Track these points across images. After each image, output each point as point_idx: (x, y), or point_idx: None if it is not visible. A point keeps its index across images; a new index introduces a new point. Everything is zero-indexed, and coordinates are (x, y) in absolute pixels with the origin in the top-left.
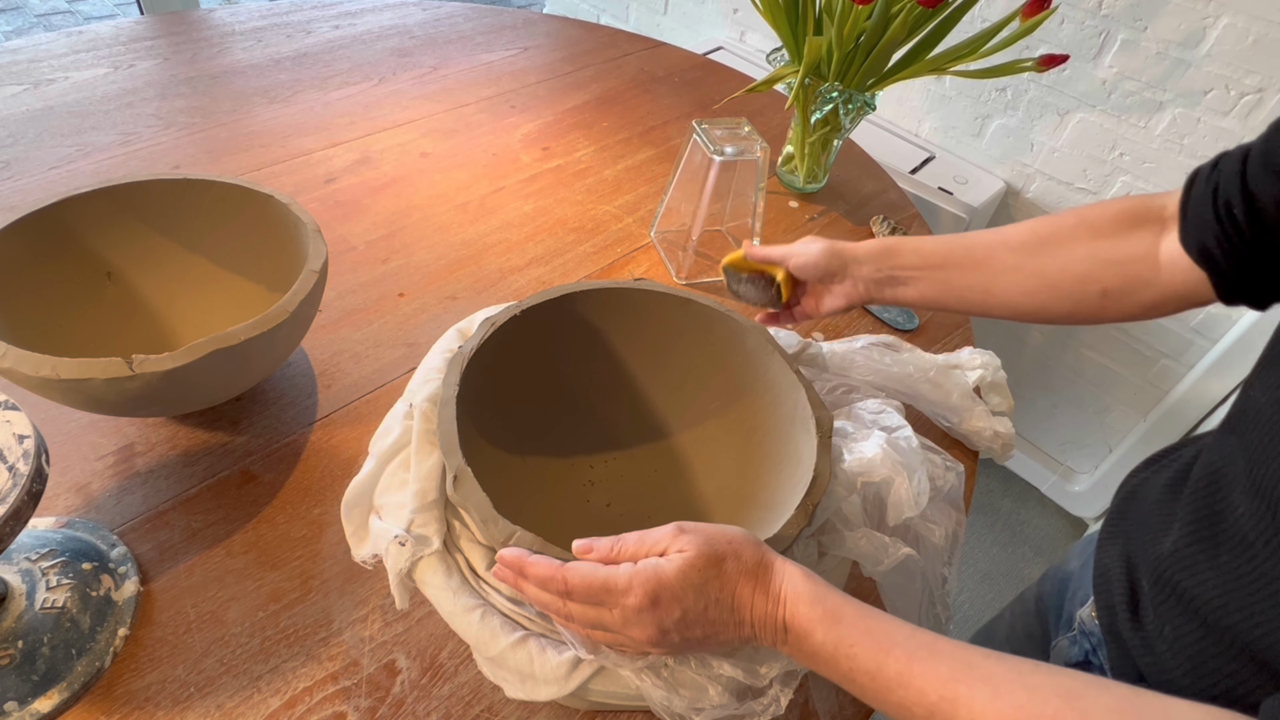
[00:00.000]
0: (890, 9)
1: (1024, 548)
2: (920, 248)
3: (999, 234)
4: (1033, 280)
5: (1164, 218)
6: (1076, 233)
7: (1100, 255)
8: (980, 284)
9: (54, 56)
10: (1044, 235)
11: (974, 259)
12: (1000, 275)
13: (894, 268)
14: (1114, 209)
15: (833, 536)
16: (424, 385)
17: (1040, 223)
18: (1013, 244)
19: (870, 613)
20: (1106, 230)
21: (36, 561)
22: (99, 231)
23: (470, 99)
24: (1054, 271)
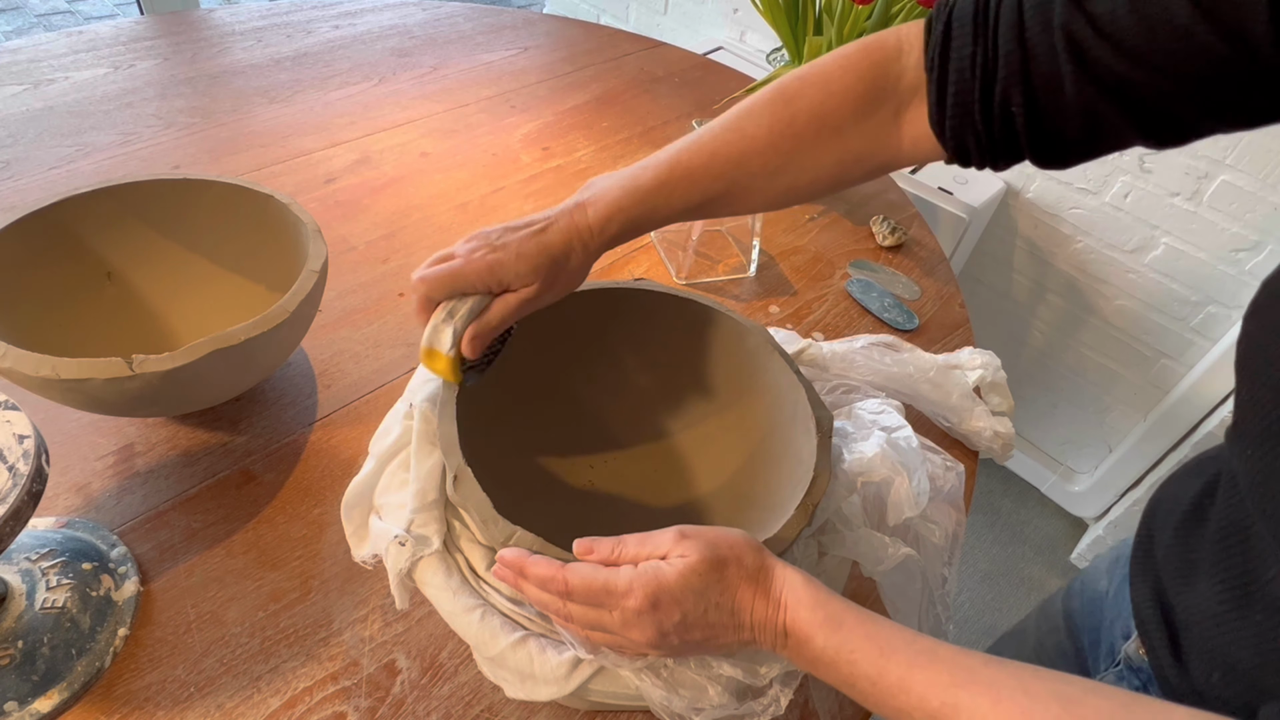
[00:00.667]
0: (890, 9)
1: (1024, 548)
2: (656, 213)
3: (734, 159)
4: (783, 195)
5: (900, 89)
6: (820, 137)
7: (846, 157)
8: (728, 212)
9: (54, 56)
10: (785, 151)
11: (716, 197)
12: (748, 200)
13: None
14: (849, 89)
15: (833, 536)
16: (424, 385)
17: (774, 127)
18: (755, 169)
19: (871, 618)
20: (847, 123)
21: (36, 561)
22: (99, 231)
23: (470, 99)
24: (805, 184)
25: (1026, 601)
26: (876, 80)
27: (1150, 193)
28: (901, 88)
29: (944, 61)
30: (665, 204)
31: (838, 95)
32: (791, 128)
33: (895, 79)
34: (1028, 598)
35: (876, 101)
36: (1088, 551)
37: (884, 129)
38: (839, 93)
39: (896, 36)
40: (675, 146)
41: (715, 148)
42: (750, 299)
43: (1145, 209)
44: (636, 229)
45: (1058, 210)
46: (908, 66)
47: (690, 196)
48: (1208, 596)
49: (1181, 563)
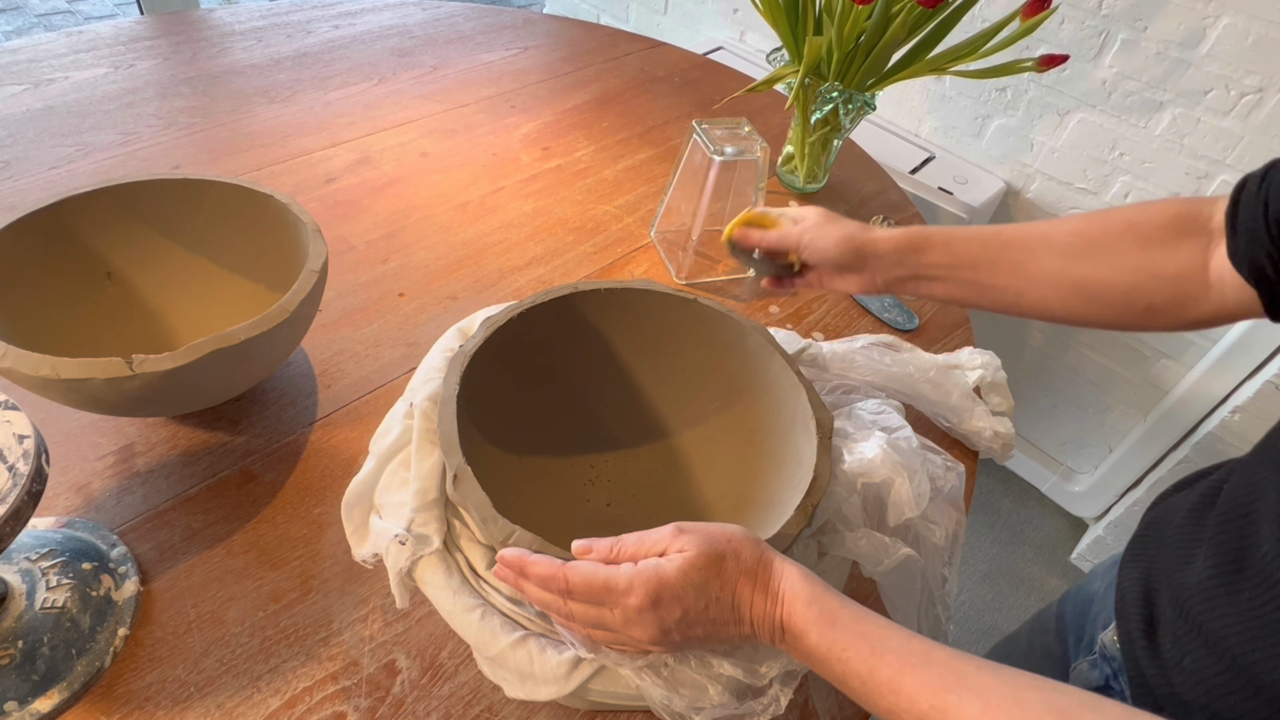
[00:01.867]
0: (890, 9)
1: (1024, 548)
2: (950, 244)
3: (1039, 232)
4: (1072, 289)
5: (1210, 228)
6: (1124, 240)
7: (1149, 268)
8: (1014, 287)
9: (54, 56)
10: (1089, 239)
11: (1010, 261)
12: (1037, 280)
13: (919, 265)
14: (1162, 214)
15: (833, 537)
16: (424, 384)
17: (1084, 223)
18: (1055, 247)
19: (866, 616)
20: (1156, 239)
21: (36, 561)
22: (99, 231)
23: (470, 99)
24: (1098, 281)
25: (1026, 601)
26: (1189, 212)
27: (1150, 193)
28: (1211, 227)
29: (1237, 198)
30: (961, 239)
31: (1151, 211)
32: (1102, 223)
33: (1206, 218)
34: (1028, 598)
35: (1187, 229)
36: (1088, 551)
37: (1192, 256)
38: (1153, 210)
39: (1212, 197)
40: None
41: (1024, 224)
42: (750, 299)
43: None
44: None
45: (1058, 210)
46: (1216, 211)
47: (989, 244)
48: (1200, 574)
49: (1181, 549)
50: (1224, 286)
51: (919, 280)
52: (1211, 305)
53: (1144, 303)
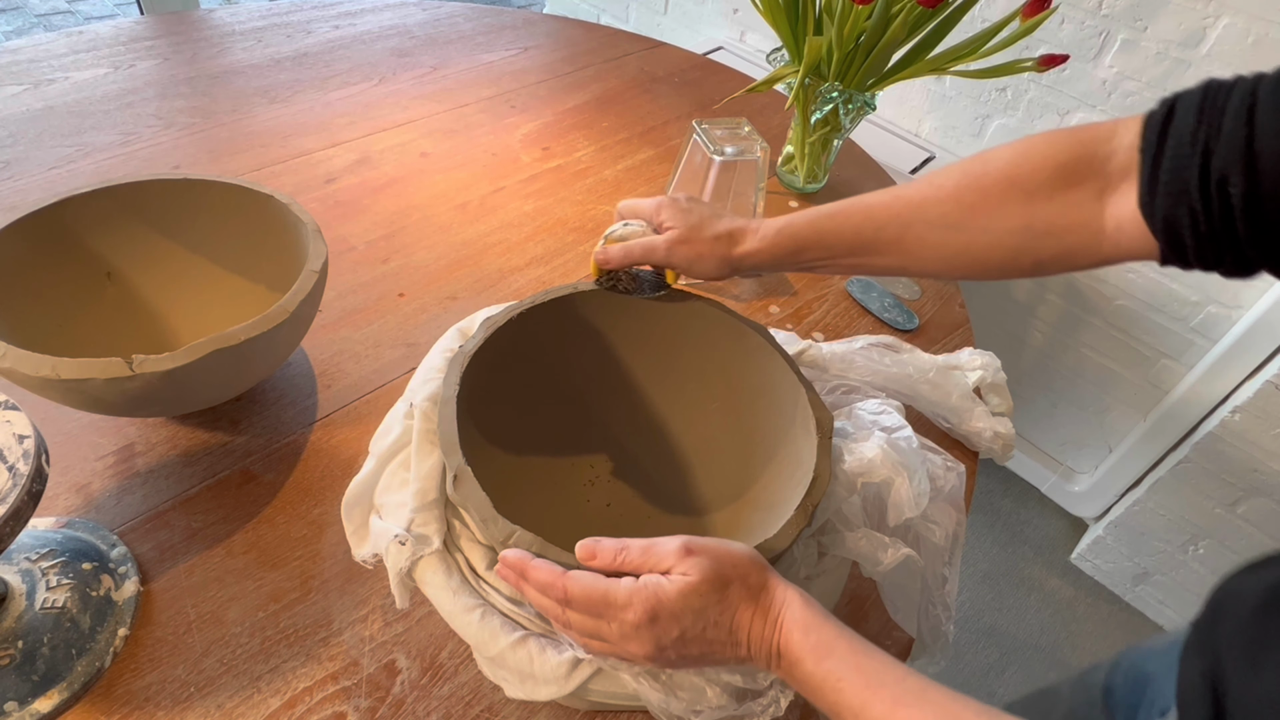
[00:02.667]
0: (890, 9)
1: (1024, 548)
2: (824, 238)
3: (913, 202)
4: (957, 256)
5: (1108, 171)
6: (1006, 200)
7: (1035, 226)
8: (896, 263)
9: (54, 56)
10: (967, 205)
11: (887, 240)
12: (918, 252)
13: (798, 263)
14: (1049, 160)
15: (833, 537)
16: (424, 384)
17: (960, 184)
18: (932, 217)
19: (864, 649)
20: (1042, 193)
21: (36, 561)
22: (99, 231)
23: (470, 99)
24: (979, 248)
25: (1026, 601)
26: (1081, 154)
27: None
28: (1110, 168)
29: (1162, 138)
30: (835, 231)
31: (1035, 160)
32: (979, 182)
33: (1103, 159)
34: (1028, 598)
35: (1077, 175)
36: (1088, 551)
37: (1082, 206)
38: (1036, 158)
39: (1112, 123)
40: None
41: (899, 191)
42: (750, 299)
43: None
44: (800, 249)
45: None
46: (1119, 148)
47: (862, 229)
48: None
49: (1252, 645)
50: (1121, 235)
51: (803, 268)
52: (1103, 254)
53: (1030, 260)
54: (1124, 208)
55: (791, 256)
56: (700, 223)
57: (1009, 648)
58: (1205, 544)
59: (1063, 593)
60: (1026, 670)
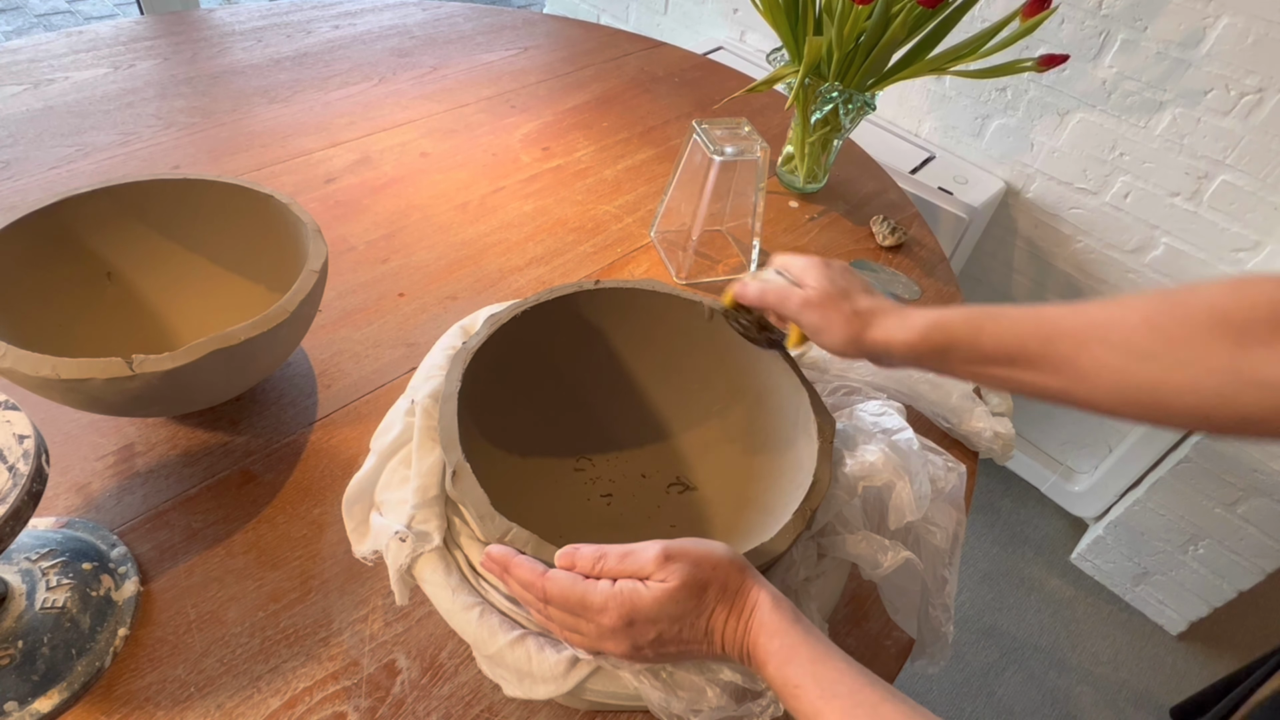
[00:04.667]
0: (890, 9)
1: (1024, 548)
2: (980, 340)
3: (1096, 320)
4: (1140, 390)
5: None
6: (1212, 336)
7: (1245, 372)
8: (1059, 386)
9: (54, 56)
10: (1163, 333)
11: (1056, 356)
12: (1092, 377)
13: (941, 367)
14: (1268, 295)
15: (833, 539)
16: (426, 382)
17: (1156, 309)
18: (1116, 339)
19: (825, 657)
20: (1258, 334)
21: (36, 561)
22: (99, 231)
23: (470, 99)
24: (1171, 388)
25: (1026, 601)
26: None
27: (1150, 193)
28: None
29: None
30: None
31: (1253, 296)
32: (1181, 309)
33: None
34: (1028, 598)
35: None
36: (1088, 551)
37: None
38: (1255, 294)
39: None
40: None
41: (1081, 304)
42: None
43: (1145, 209)
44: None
45: (1058, 210)
46: None
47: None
48: None
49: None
50: None
51: (942, 372)
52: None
53: (1233, 413)
54: None
55: (937, 356)
56: (841, 292)
57: (1009, 648)
58: (1205, 544)
59: (1063, 593)
60: (1026, 670)
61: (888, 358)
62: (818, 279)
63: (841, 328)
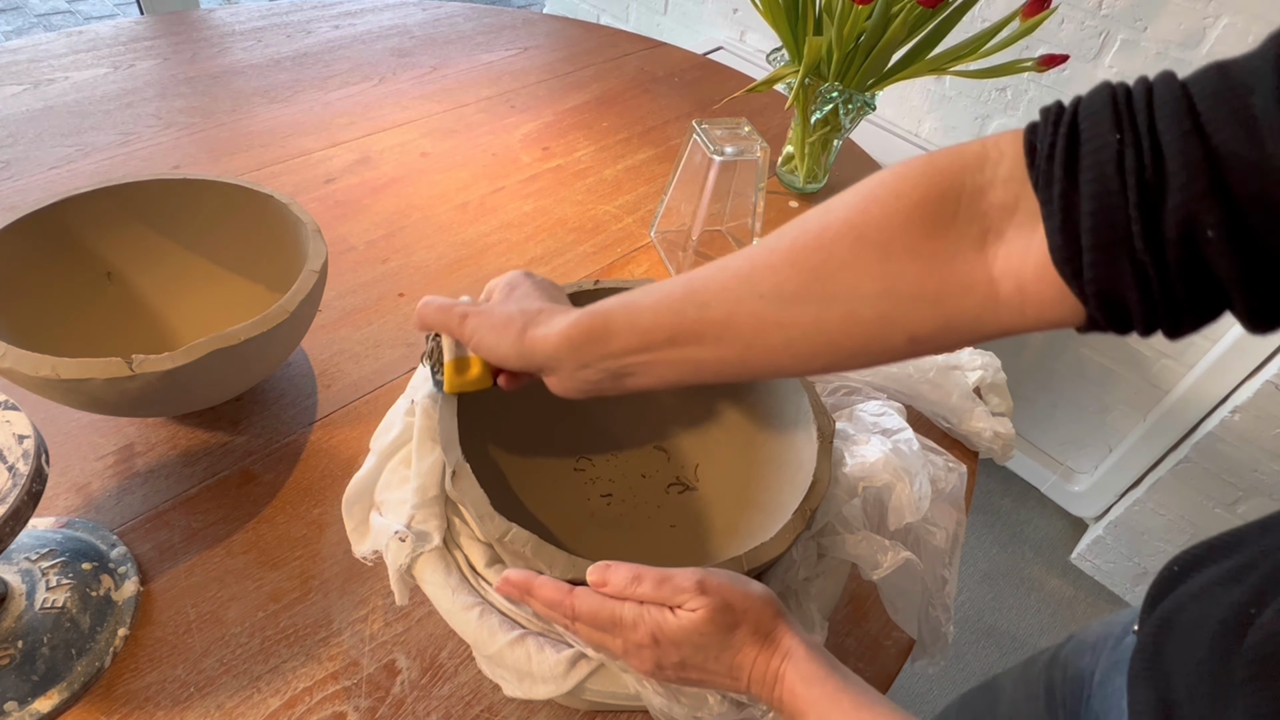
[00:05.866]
0: (890, 9)
1: (1024, 548)
2: (636, 320)
3: (741, 273)
4: (805, 338)
5: (984, 208)
6: (856, 253)
7: (899, 287)
8: (732, 355)
9: (54, 56)
10: (809, 267)
11: (713, 323)
12: (757, 337)
13: (606, 358)
14: (899, 196)
15: (832, 539)
16: (426, 382)
17: (799, 239)
18: (765, 289)
19: (869, 704)
20: (898, 241)
21: (36, 561)
22: (99, 231)
23: (470, 99)
24: (834, 322)
25: (1026, 601)
26: (941, 190)
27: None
28: (985, 206)
29: (1070, 168)
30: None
31: (883, 201)
32: (819, 239)
33: (974, 193)
34: (1028, 598)
35: (941, 218)
36: (1088, 551)
37: (957, 260)
38: (885, 197)
39: (980, 143)
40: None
41: (727, 259)
42: None
43: None
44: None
45: None
46: (995, 178)
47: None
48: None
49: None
50: (1025, 299)
51: (618, 377)
52: (1001, 322)
53: (902, 335)
54: (1022, 262)
55: (594, 345)
56: (517, 298)
57: (1009, 648)
58: None
59: (1063, 593)
60: None
61: (549, 359)
62: (501, 288)
63: (503, 332)
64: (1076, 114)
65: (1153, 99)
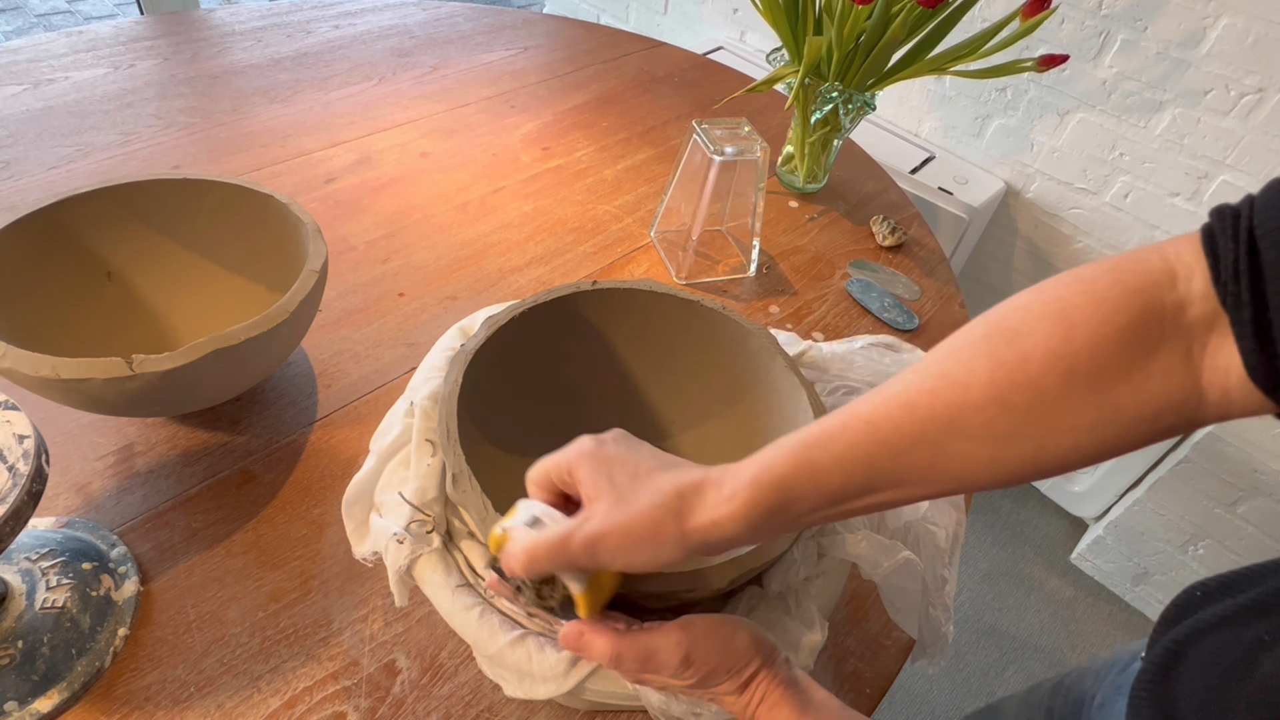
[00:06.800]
0: (890, 9)
1: (1024, 548)
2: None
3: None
4: (1023, 469)
5: (1186, 323)
6: (1069, 388)
7: (1119, 415)
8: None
9: (54, 56)
10: (1020, 407)
11: (915, 468)
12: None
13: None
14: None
15: (832, 539)
16: (425, 383)
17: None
18: (974, 431)
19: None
20: (1112, 370)
21: (36, 561)
22: (99, 231)
23: (470, 99)
24: (1054, 455)
25: (1026, 601)
26: (1143, 310)
27: (1150, 193)
28: (1187, 322)
29: (1256, 287)
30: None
31: (1088, 329)
32: (1024, 373)
33: (1175, 310)
34: (1027, 598)
35: (1151, 339)
36: (1088, 551)
37: (1170, 377)
38: (1090, 326)
39: (1161, 257)
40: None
41: (908, 395)
42: (750, 299)
43: (1145, 209)
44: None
45: (1058, 210)
46: (1190, 295)
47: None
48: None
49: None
50: (1229, 402)
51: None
52: (1205, 421)
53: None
54: (1226, 375)
55: (778, 515)
56: (629, 485)
57: (1009, 648)
58: (1205, 544)
59: (1063, 593)
60: (1026, 670)
61: (723, 544)
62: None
63: (656, 539)
64: (1253, 226)
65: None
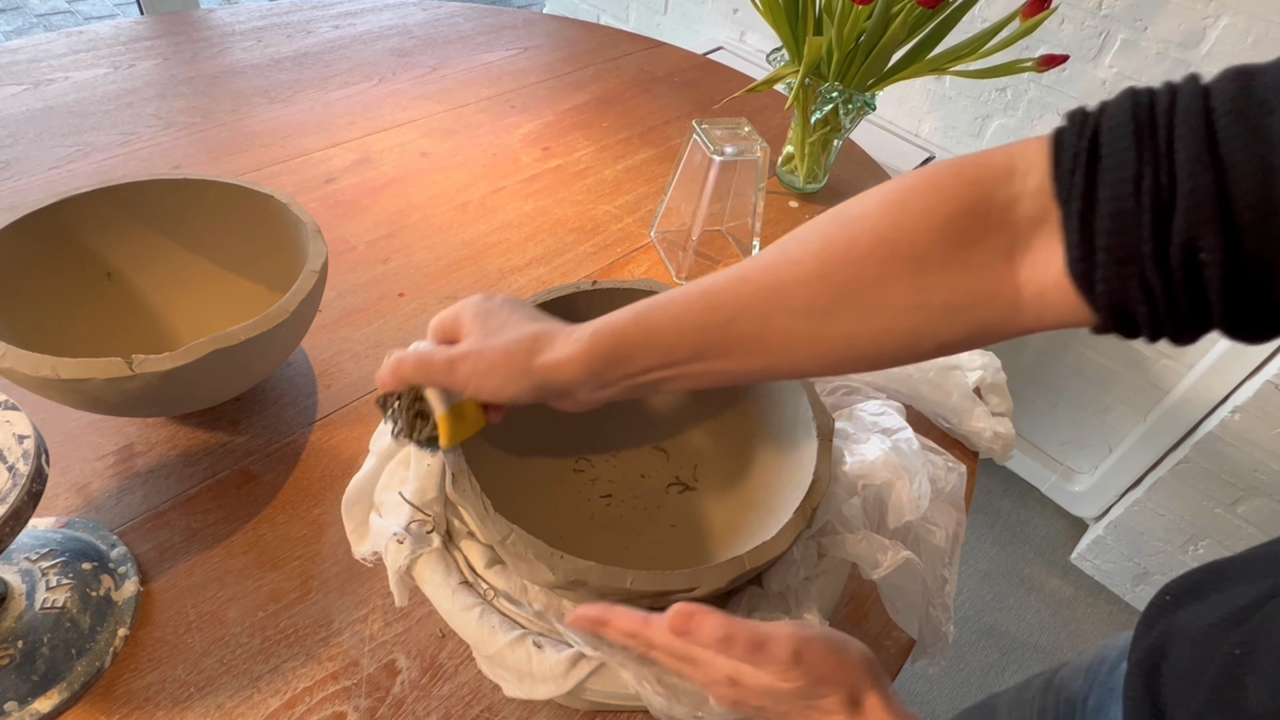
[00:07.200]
0: (890, 9)
1: (1024, 548)
2: (655, 338)
3: (769, 287)
4: (837, 349)
5: (1014, 219)
6: (888, 268)
7: (931, 301)
8: (759, 366)
9: (54, 56)
10: (840, 283)
11: (742, 336)
12: (788, 349)
13: (628, 376)
14: (931, 211)
15: (832, 538)
16: None
17: (824, 252)
18: (796, 304)
19: None
20: (932, 256)
21: (36, 561)
22: (99, 231)
23: (470, 99)
24: (867, 335)
25: (1026, 601)
26: (973, 203)
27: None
28: (1015, 218)
29: (1090, 184)
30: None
31: (914, 214)
32: (849, 253)
33: (1004, 206)
34: (1028, 598)
35: (974, 231)
36: (1088, 551)
37: (987, 271)
38: (916, 212)
39: (1006, 153)
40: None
41: (746, 271)
42: None
43: None
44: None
45: None
46: (1024, 191)
47: (706, 325)
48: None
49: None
50: (1045, 305)
51: (636, 390)
52: (1021, 325)
53: (932, 343)
54: (1045, 271)
55: (615, 366)
56: (498, 327)
57: (1009, 648)
58: (1205, 544)
59: (1063, 593)
60: (1026, 670)
61: (563, 385)
62: (470, 321)
63: (504, 369)
64: (1099, 126)
65: (1174, 113)
